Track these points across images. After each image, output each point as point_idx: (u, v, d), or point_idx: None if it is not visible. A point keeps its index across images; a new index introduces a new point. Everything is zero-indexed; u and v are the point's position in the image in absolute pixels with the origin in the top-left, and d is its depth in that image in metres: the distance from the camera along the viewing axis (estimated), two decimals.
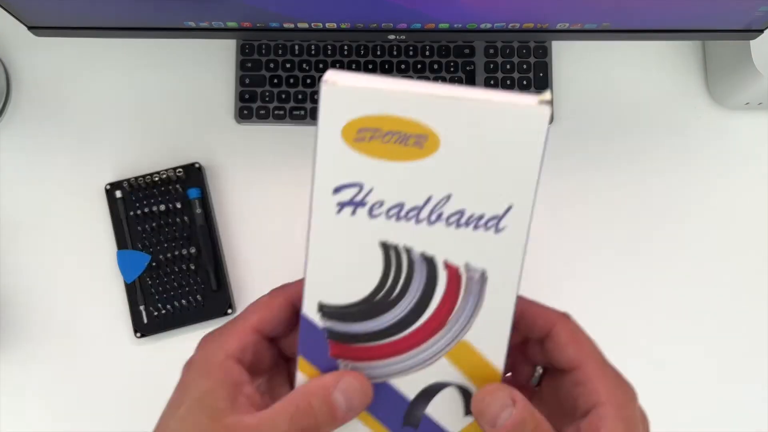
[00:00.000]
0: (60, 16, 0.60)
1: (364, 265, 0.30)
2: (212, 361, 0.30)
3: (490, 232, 0.29)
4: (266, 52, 0.73)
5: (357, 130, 0.27)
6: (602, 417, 0.29)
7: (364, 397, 0.29)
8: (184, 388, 0.31)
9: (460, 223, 0.29)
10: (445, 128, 0.27)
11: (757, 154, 0.72)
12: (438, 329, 0.31)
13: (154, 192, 0.70)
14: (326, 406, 0.28)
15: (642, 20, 0.59)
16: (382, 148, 0.28)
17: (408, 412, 0.31)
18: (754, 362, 0.68)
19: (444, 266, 0.30)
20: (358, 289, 0.30)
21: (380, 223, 0.29)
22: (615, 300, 0.69)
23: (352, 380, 0.29)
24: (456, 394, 0.31)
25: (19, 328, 0.69)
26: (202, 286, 0.69)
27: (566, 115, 0.73)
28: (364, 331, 0.31)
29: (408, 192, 0.28)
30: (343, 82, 0.26)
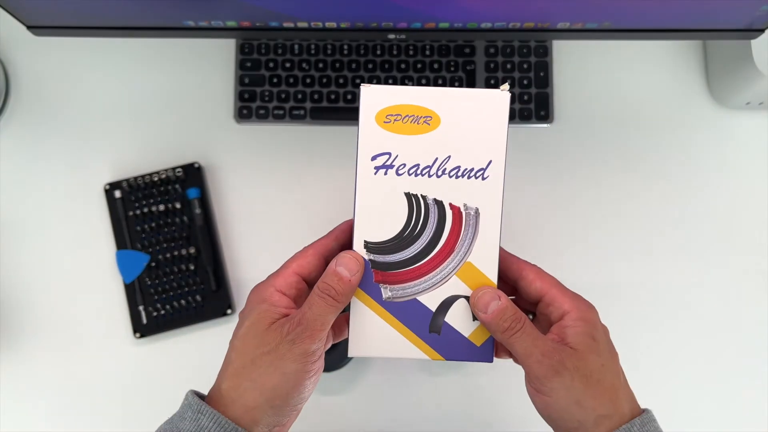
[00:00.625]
0: (60, 16, 0.60)
1: (394, 210, 0.42)
2: (264, 293, 0.41)
3: (479, 180, 0.41)
4: (266, 51, 0.73)
5: (386, 115, 0.41)
6: (567, 318, 0.41)
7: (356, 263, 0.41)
8: (243, 316, 0.41)
9: (458, 176, 0.41)
10: (443, 110, 0.41)
11: (757, 154, 0.72)
12: (449, 254, 0.42)
13: (154, 192, 0.70)
14: (335, 277, 0.40)
15: (642, 20, 0.59)
16: (403, 127, 0.41)
17: (432, 321, 0.43)
18: (754, 362, 0.68)
19: (449, 207, 0.42)
20: (392, 228, 0.42)
21: (404, 180, 0.41)
22: (615, 300, 0.69)
23: (345, 254, 0.41)
24: (466, 304, 0.43)
25: (19, 328, 0.69)
26: (202, 286, 0.69)
27: (566, 114, 0.73)
28: (397, 260, 0.42)
29: (421, 156, 0.41)
30: (375, 85, 0.40)
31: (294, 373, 0.39)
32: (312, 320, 0.39)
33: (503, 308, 0.41)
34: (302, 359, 0.39)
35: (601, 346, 0.41)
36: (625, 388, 0.41)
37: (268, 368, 0.38)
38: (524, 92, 0.72)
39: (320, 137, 0.72)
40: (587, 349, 0.40)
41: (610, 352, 0.41)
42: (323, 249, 0.42)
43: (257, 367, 0.39)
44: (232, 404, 0.39)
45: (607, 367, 0.40)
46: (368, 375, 0.68)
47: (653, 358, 0.68)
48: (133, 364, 0.68)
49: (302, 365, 0.39)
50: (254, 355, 0.39)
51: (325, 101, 0.72)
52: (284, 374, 0.38)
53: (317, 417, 0.67)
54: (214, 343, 0.69)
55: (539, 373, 0.39)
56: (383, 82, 0.72)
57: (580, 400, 0.39)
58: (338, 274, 0.40)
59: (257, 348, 0.39)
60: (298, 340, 0.38)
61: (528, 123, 0.72)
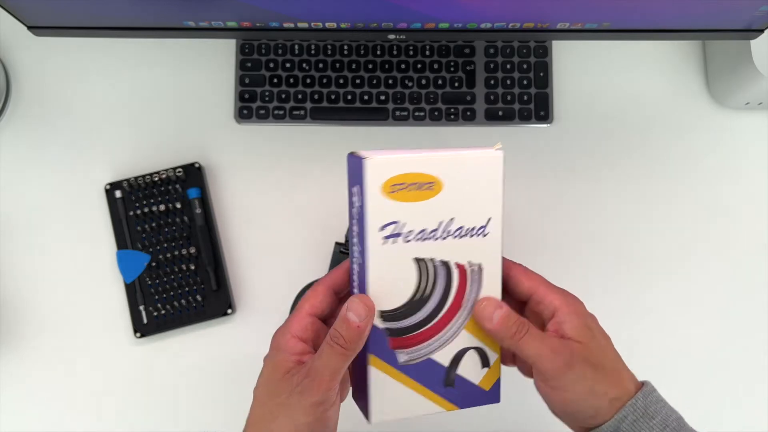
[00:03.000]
0: (60, 16, 0.60)
1: (405, 276, 0.42)
2: (281, 340, 0.41)
3: (480, 237, 0.42)
4: (266, 51, 0.73)
5: (391, 185, 0.40)
6: (560, 314, 0.42)
7: (365, 308, 0.40)
8: (264, 365, 0.42)
9: (461, 236, 0.42)
10: (443, 175, 0.41)
11: (757, 154, 0.72)
12: (457, 311, 0.43)
13: (154, 192, 0.70)
14: (345, 324, 0.39)
15: (642, 20, 0.59)
16: (408, 195, 0.40)
17: (446, 376, 0.44)
18: (754, 361, 0.68)
19: (456, 266, 0.43)
20: (403, 294, 0.42)
21: (412, 245, 0.41)
22: (615, 299, 0.69)
23: (355, 299, 0.40)
24: (475, 354, 0.44)
25: (19, 328, 0.69)
26: (202, 286, 0.69)
27: (566, 114, 0.73)
28: (410, 324, 0.43)
29: (427, 221, 0.41)
30: (377, 157, 0.39)
31: (306, 425, 0.39)
32: (320, 370, 0.39)
33: (507, 314, 0.42)
34: (312, 410, 0.39)
35: (596, 333, 0.43)
36: (625, 367, 0.43)
37: (283, 419, 0.39)
38: (524, 92, 0.72)
39: (320, 137, 0.72)
40: (588, 339, 0.42)
41: (604, 337, 0.44)
42: (334, 283, 0.43)
43: (274, 418, 0.39)
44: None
45: (606, 352, 0.43)
46: None
47: (652, 357, 0.68)
48: (134, 363, 0.69)
49: (313, 417, 0.39)
50: (270, 405, 0.40)
51: (326, 101, 0.72)
52: (297, 426, 0.39)
53: None
54: (215, 343, 0.69)
55: (553, 371, 0.40)
56: (383, 82, 0.72)
57: (593, 387, 0.41)
58: (348, 321, 0.39)
59: (272, 398, 0.40)
60: (306, 391, 0.39)
61: (528, 123, 0.72)
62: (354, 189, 0.41)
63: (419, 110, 0.72)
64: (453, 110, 0.72)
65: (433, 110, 0.72)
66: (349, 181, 0.41)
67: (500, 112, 0.72)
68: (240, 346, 0.69)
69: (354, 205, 0.41)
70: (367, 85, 0.72)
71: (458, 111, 0.72)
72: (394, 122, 0.72)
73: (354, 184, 0.41)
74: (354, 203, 0.41)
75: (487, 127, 0.72)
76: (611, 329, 0.48)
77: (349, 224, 0.42)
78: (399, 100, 0.72)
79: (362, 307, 0.40)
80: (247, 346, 0.68)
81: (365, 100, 0.72)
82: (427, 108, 0.72)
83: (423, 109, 0.72)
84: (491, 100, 0.72)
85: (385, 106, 0.72)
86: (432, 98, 0.72)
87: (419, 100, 0.72)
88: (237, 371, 0.68)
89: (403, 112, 0.72)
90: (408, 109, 0.72)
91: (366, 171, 0.39)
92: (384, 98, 0.72)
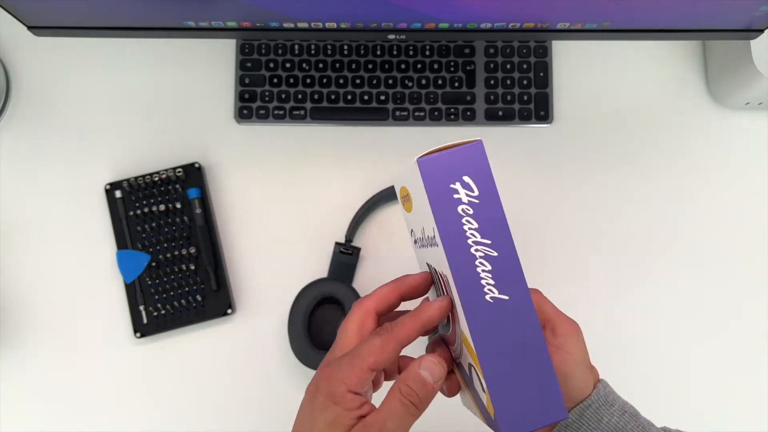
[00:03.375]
0: (60, 16, 0.60)
1: None
2: (337, 392, 0.38)
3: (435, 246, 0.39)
4: (266, 51, 0.73)
5: (402, 197, 0.42)
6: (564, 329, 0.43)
7: (440, 368, 0.38)
8: (314, 413, 0.39)
9: (430, 244, 0.40)
10: (408, 185, 0.40)
11: (757, 154, 0.72)
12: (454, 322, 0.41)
13: (154, 192, 0.70)
14: (419, 382, 0.37)
15: (642, 20, 0.59)
16: (407, 205, 0.42)
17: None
18: (754, 361, 0.68)
19: (440, 274, 0.40)
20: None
21: (422, 251, 0.42)
22: (615, 299, 0.69)
23: (429, 358, 0.38)
24: None
25: (19, 328, 0.69)
26: (202, 286, 0.69)
27: (566, 114, 0.73)
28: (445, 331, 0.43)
29: (418, 228, 0.41)
30: None
31: None
32: (395, 430, 0.37)
33: None
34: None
35: None
36: None
37: None
38: (524, 92, 0.72)
39: (320, 137, 0.72)
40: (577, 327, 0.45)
41: None
42: (406, 339, 0.39)
43: None
44: None
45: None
46: None
47: (651, 357, 0.68)
48: (134, 363, 0.69)
49: None
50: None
51: (326, 101, 0.72)
52: None
53: None
54: (215, 343, 0.69)
55: (567, 330, 0.43)
56: (383, 82, 0.72)
57: (586, 360, 0.44)
58: (424, 381, 0.38)
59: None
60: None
61: (528, 123, 0.72)
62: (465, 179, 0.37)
63: (419, 110, 0.72)
64: (453, 110, 0.72)
65: (433, 110, 0.72)
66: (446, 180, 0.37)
67: (500, 112, 0.72)
68: (240, 346, 0.69)
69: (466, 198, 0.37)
70: (367, 85, 0.72)
71: (458, 111, 0.72)
72: (394, 122, 0.72)
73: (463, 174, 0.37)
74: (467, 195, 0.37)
75: (487, 127, 0.72)
76: (610, 328, 0.49)
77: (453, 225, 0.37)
78: (399, 100, 0.72)
79: (438, 369, 0.38)
80: (247, 346, 0.68)
81: (365, 100, 0.72)
82: (427, 108, 0.72)
83: (423, 109, 0.72)
84: (491, 100, 0.72)
85: (385, 106, 0.72)
86: (432, 98, 0.72)
87: (419, 100, 0.72)
88: (237, 371, 0.68)
89: (403, 112, 0.72)
90: (408, 109, 0.72)
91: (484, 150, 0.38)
92: (384, 98, 0.72)
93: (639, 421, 0.43)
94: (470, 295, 0.37)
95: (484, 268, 0.37)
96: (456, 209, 0.37)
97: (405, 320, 0.39)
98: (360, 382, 0.38)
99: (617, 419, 0.43)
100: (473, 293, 0.37)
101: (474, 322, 0.37)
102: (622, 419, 0.43)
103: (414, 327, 0.39)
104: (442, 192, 0.37)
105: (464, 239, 0.37)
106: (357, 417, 0.38)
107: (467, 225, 0.37)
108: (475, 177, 0.37)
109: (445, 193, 0.37)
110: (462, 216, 0.37)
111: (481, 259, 0.37)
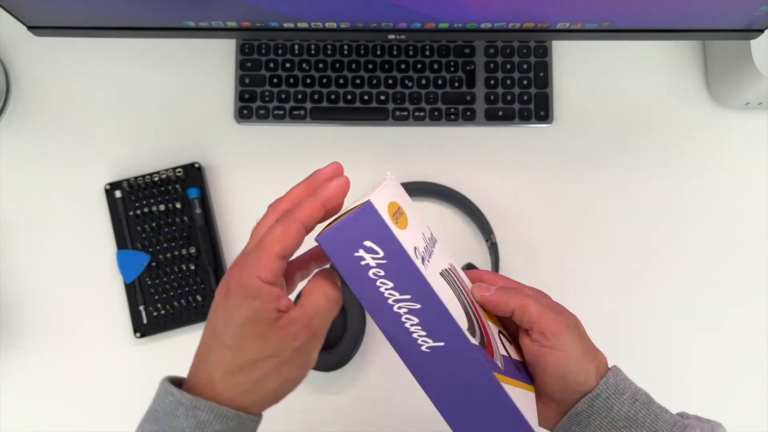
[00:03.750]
0: (60, 16, 0.60)
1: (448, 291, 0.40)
2: (252, 287, 0.36)
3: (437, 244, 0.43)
4: (266, 51, 0.73)
5: (392, 215, 0.38)
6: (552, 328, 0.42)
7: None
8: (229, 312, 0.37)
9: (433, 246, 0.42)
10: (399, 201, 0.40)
11: (756, 154, 0.72)
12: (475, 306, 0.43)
13: (154, 192, 0.70)
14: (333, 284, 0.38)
15: (642, 20, 0.59)
16: (401, 221, 0.38)
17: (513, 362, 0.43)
18: (754, 360, 0.68)
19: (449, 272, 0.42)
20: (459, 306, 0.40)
21: (431, 262, 0.39)
22: (615, 298, 0.69)
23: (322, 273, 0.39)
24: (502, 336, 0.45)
25: (19, 328, 0.69)
26: (202, 286, 0.69)
27: (566, 114, 0.73)
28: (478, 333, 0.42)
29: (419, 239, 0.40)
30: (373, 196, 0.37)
31: (296, 379, 0.39)
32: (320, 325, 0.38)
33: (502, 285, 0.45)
34: (307, 366, 0.38)
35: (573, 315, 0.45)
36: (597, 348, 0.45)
37: (271, 372, 0.37)
38: (524, 92, 0.72)
39: (320, 137, 0.72)
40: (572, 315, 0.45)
41: None
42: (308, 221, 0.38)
43: (258, 369, 0.37)
44: (229, 402, 0.37)
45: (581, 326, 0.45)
46: (368, 375, 0.68)
47: (651, 355, 0.68)
48: (134, 363, 0.69)
49: (305, 371, 0.39)
50: (254, 357, 0.37)
51: (325, 101, 0.72)
52: (286, 379, 0.38)
53: (317, 417, 0.67)
54: None
55: (555, 329, 0.42)
56: (383, 82, 0.72)
57: (585, 352, 0.43)
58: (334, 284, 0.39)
59: (258, 351, 0.37)
60: (305, 347, 0.37)
61: (528, 123, 0.72)
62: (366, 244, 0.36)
63: (419, 110, 0.72)
64: (453, 110, 0.72)
65: (433, 110, 0.72)
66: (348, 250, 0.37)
67: (500, 112, 0.72)
68: None
69: (373, 261, 0.37)
70: (367, 85, 0.72)
71: (458, 111, 0.72)
72: (394, 122, 0.72)
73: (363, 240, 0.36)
74: (373, 258, 0.37)
75: (487, 127, 0.72)
76: (610, 326, 0.49)
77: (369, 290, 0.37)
78: (399, 100, 0.72)
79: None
80: None
81: (365, 100, 0.72)
82: (427, 108, 0.72)
83: (423, 109, 0.72)
84: (491, 100, 0.72)
85: (385, 106, 0.72)
86: (432, 98, 0.72)
87: (419, 100, 0.72)
88: None
89: (403, 112, 0.72)
90: (408, 109, 0.72)
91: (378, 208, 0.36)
92: (384, 98, 0.72)
93: (651, 408, 0.43)
94: (406, 351, 0.38)
95: (411, 323, 0.37)
96: (367, 275, 0.36)
97: (305, 202, 0.38)
98: (271, 273, 0.37)
99: (628, 408, 0.42)
100: (408, 348, 0.38)
101: (419, 374, 0.38)
102: (633, 407, 0.42)
103: (315, 207, 0.38)
104: (349, 263, 0.36)
105: (384, 301, 0.37)
106: (276, 310, 0.37)
107: (383, 287, 0.37)
108: (375, 239, 0.36)
109: (353, 262, 0.36)
110: (375, 280, 0.37)
111: (406, 315, 0.37)
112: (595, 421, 0.42)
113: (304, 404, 0.67)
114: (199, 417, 0.36)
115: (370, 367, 0.68)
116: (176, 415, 0.37)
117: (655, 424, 0.42)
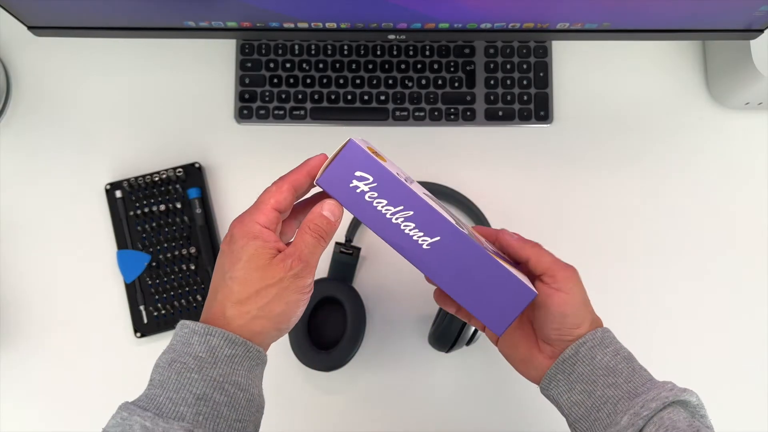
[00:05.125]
0: (60, 17, 0.60)
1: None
2: (253, 230, 0.44)
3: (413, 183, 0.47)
4: (266, 51, 0.73)
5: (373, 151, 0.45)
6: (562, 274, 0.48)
7: (338, 208, 0.45)
8: (235, 253, 0.44)
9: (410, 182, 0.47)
10: None
11: (756, 154, 0.72)
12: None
13: (154, 192, 0.70)
14: (324, 219, 0.45)
15: (642, 20, 0.59)
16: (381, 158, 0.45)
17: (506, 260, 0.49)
18: (754, 360, 0.68)
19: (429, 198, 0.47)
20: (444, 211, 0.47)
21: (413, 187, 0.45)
22: (615, 298, 0.69)
23: (329, 201, 0.45)
24: None
25: (19, 328, 0.69)
26: (202, 286, 0.69)
27: (566, 114, 0.73)
28: None
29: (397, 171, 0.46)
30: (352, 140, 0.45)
31: (295, 302, 0.44)
32: (310, 257, 0.44)
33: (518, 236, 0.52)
34: (303, 290, 0.44)
35: None
36: None
37: (274, 298, 0.43)
38: (524, 92, 0.72)
39: (320, 137, 0.73)
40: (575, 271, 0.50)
41: None
42: (297, 184, 0.46)
43: (262, 297, 0.43)
44: (240, 329, 0.43)
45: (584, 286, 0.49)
46: (368, 375, 0.68)
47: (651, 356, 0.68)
48: (134, 363, 0.68)
49: (302, 294, 0.44)
50: (259, 286, 0.43)
51: (326, 101, 0.72)
52: (288, 303, 0.44)
53: (317, 417, 0.67)
54: None
55: (564, 275, 0.48)
56: (383, 82, 0.72)
57: (585, 302, 0.49)
58: (326, 218, 0.45)
59: (262, 281, 0.43)
60: (301, 274, 0.44)
61: (528, 123, 0.72)
62: (357, 174, 0.44)
63: (419, 110, 0.72)
64: (453, 110, 0.72)
65: (433, 110, 0.72)
66: (344, 182, 0.44)
67: (500, 112, 0.72)
68: None
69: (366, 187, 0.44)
70: (367, 85, 0.72)
71: (458, 111, 0.72)
72: (394, 122, 0.72)
73: (353, 171, 0.44)
74: (366, 184, 0.44)
75: (487, 127, 0.72)
76: (610, 325, 0.49)
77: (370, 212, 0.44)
78: (399, 100, 0.72)
79: (337, 209, 0.45)
80: None
81: (365, 100, 0.72)
82: (427, 108, 0.72)
83: (423, 109, 0.72)
84: (491, 100, 0.72)
85: (385, 106, 0.72)
86: (432, 98, 0.72)
87: (419, 100, 0.72)
88: None
89: (403, 112, 0.72)
90: (408, 109, 0.72)
91: (358, 143, 0.44)
92: (384, 98, 0.72)
93: (631, 364, 0.48)
94: (412, 252, 0.44)
95: (409, 228, 0.44)
96: (365, 199, 0.44)
97: (294, 170, 0.47)
98: (268, 220, 0.45)
99: (609, 359, 0.47)
100: (413, 249, 0.44)
101: (427, 269, 0.45)
102: (614, 359, 0.47)
103: (302, 173, 0.46)
104: (347, 193, 0.44)
105: (383, 216, 0.44)
106: (275, 248, 0.44)
107: (380, 205, 0.44)
108: (363, 168, 0.44)
109: (350, 192, 0.44)
110: (371, 201, 0.44)
111: (404, 224, 0.44)
112: (579, 368, 0.47)
113: (304, 404, 0.67)
114: (210, 342, 0.42)
115: (370, 367, 0.68)
116: (191, 343, 0.43)
117: (631, 376, 0.47)
